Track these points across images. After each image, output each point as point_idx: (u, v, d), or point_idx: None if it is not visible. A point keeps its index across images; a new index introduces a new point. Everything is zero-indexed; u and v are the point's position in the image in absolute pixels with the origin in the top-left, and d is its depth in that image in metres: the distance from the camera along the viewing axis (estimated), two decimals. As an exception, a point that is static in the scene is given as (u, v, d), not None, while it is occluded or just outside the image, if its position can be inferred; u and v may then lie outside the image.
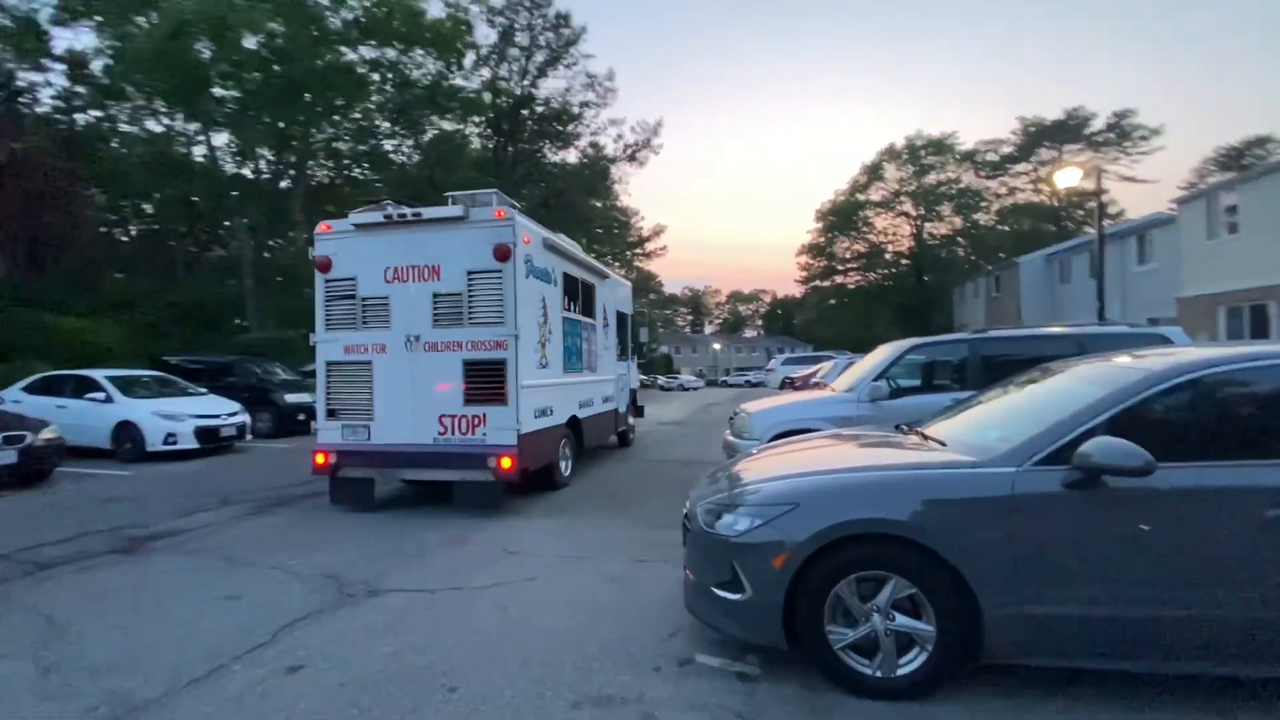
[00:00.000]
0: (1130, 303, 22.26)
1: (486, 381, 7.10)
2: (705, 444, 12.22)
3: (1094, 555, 2.84)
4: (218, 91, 21.91)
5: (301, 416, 14.05)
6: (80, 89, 23.22)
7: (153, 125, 23.40)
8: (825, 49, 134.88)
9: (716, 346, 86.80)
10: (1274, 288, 15.42)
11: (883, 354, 7.43)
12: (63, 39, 43.10)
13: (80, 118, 24.03)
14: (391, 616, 4.14)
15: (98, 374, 11.75)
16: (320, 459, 7.41)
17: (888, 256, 54.04)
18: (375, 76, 24.72)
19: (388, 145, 28.26)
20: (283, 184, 26.37)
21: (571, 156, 35.42)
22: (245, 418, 12.04)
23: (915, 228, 52.92)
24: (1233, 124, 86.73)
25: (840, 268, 55.80)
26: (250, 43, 21.52)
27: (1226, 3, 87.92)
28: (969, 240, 50.31)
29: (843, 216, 53.79)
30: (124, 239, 28.25)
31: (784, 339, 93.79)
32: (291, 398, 14.24)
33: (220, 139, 24.31)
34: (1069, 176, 14.95)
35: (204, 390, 12.69)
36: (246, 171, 25.81)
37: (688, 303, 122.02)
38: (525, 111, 32.99)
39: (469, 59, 28.61)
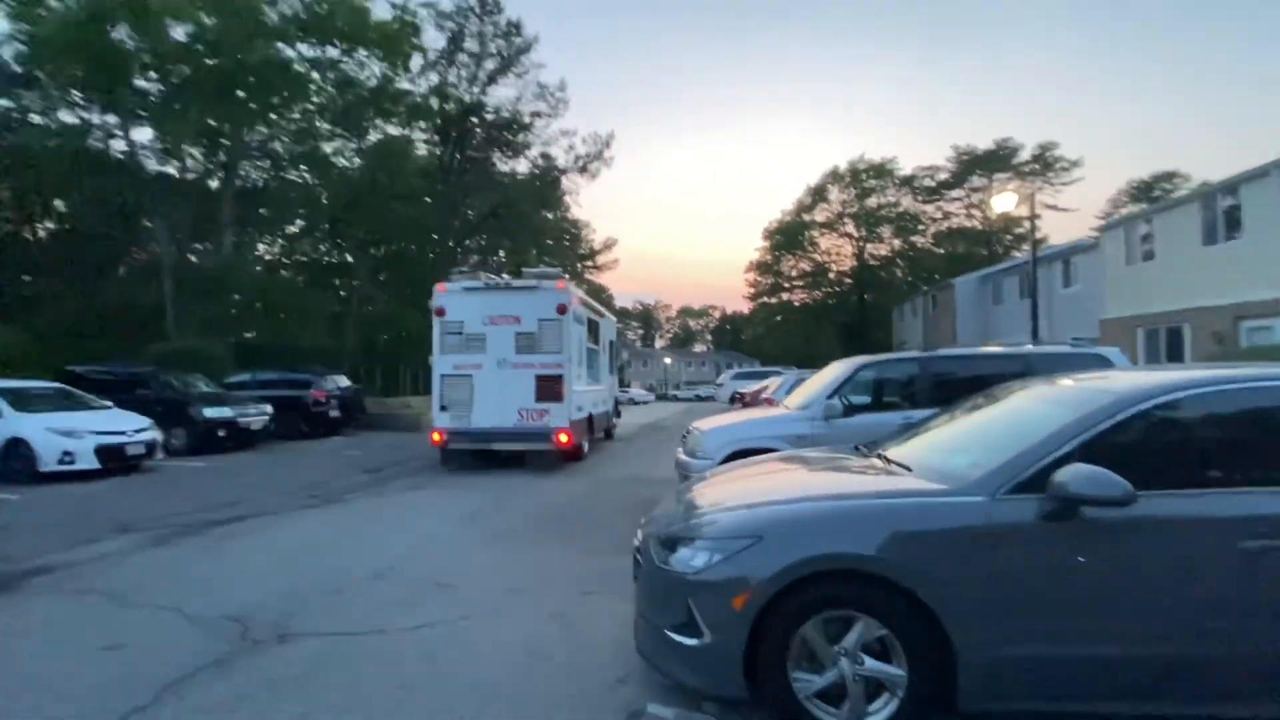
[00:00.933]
0: (1057, 323, 23.27)
1: (550, 387, 11.43)
2: (657, 461, 12.21)
3: (1073, 590, 2.63)
4: (140, 83, 20.45)
5: (222, 433, 13.32)
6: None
7: (67, 117, 21.63)
8: (774, 70, 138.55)
9: (667, 361, 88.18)
10: (1187, 310, 16.25)
11: (835, 371, 7.46)
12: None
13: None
14: (303, 668, 3.70)
15: (-15, 385, 10.48)
16: (436, 437, 11.52)
17: (831, 276, 55.52)
18: (316, 76, 23.60)
19: (328, 148, 26.96)
20: (212, 184, 24.80)
21: (522, 166, 34.71)
22: (156, 434, 11.34)
23: (857, 248, 54.57)
24: (1145, 158, 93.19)
25: (787, 285, 57.01)
26: (178, 33, 20.19)
27: (1141, 45, 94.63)
28: (907, 261, 52.24)
29: (789, 236, 55.04)
30: (32, 239, 26.01)
31: (733, 354, 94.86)
32: (211, 412, 13.44)
33: (143, 134, 22.66)
34: (1005, 201, 15.54)
35: (109, 404, 11.89)
36: (171, 169, 24.14)
37: (639, 317, 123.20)
38: (474, 119, 32.25)
39: (416, 62, 27.67)
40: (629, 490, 9.14)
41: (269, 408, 14.74)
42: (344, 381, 19.13)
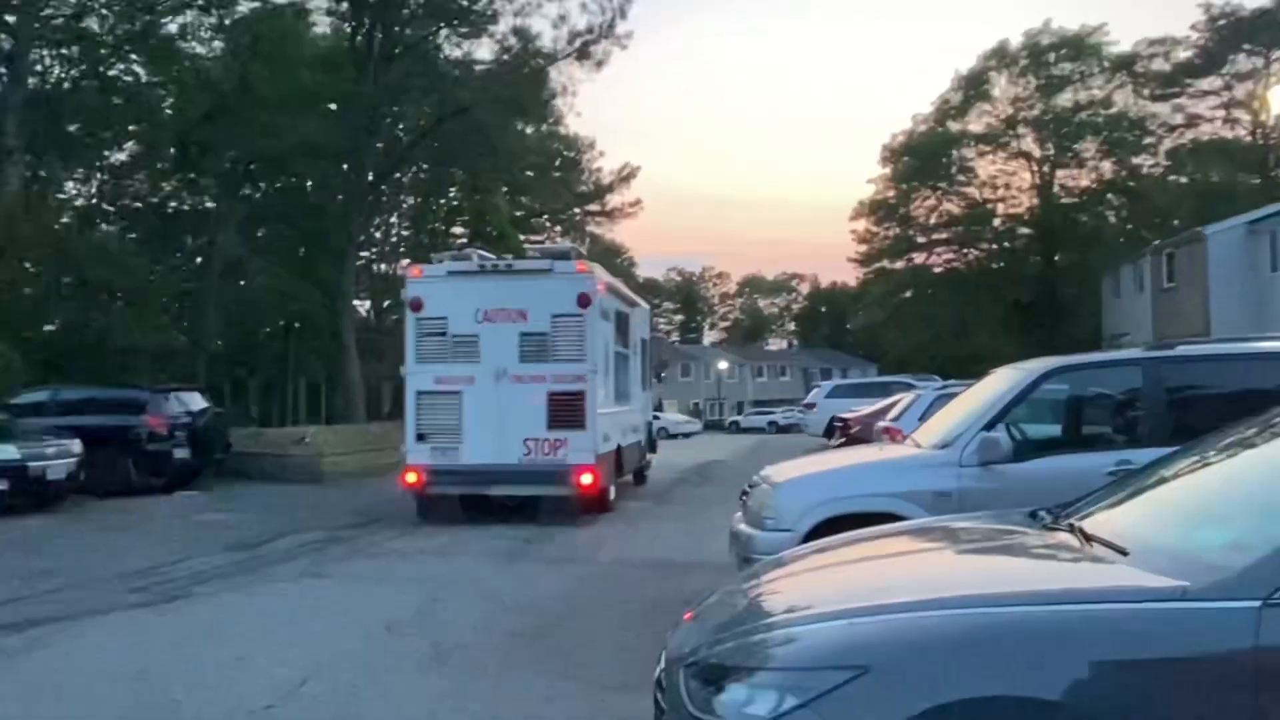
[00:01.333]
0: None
1: (568, 410, 12.85)
2: (700, 532, 12.15)
3: None
4: None
5: (2, 485, 13.93)
6: None
7: None
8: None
9: (723, 366, 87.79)
10: None
11: (1001, 384, 7.47)
12: None
13: None
14: None
15: None
16: (412, 477, 12.99)
17: (997, 223, 53.80)
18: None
19: (172, 26, 27.07)
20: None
21: (483, 51, 32.83)
22: None
23: (1040, 176, 52.84)
24: None
25: (921, 240, 55.43)
26: None
27: None
28: (1125, 198, 50.50)
29: (925, 158, 53.10)
30: None
31: (830, 355, 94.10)
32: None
33: None
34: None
35: None
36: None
37: (676, 294, 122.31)
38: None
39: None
40: (653, 581, 9.24)
41: (78, 444, 14.78)
42: (198, 402, 18.87)
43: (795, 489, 7.10)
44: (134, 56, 26.08)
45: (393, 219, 41.99)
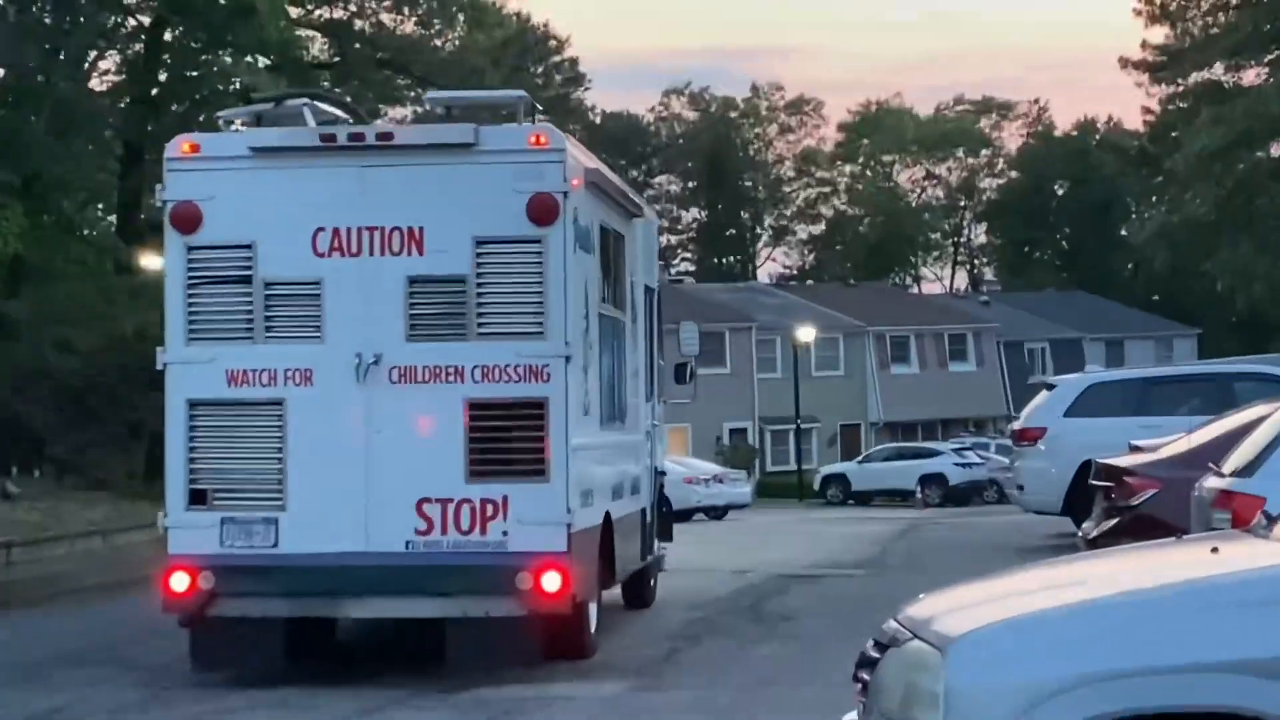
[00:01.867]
0: None
1: (512, 438, 8.16)
2: None
3: None
4: None
5: None
6: None
7: None
8: None
9: (805, 335, 54.26)
10: None
11: None
12: None
13: None
14: None
15: None
16: (180, 582, 7.96)
17: None
18: None
19: None
20: None
21: None
22: None
23: None
24: None
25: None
26: None
27: None
28: None
29: None
30: None
31: (1081, 303, 60.22)
32: None
33: None
34: None
35: None
36: None
37: (686, 153, 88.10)
38: None
39: None
40: None
41: None
42: None
43: (995, 652, 3.39)
44: None
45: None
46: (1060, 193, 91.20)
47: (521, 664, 8.03)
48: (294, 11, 29.95)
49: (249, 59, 27.46)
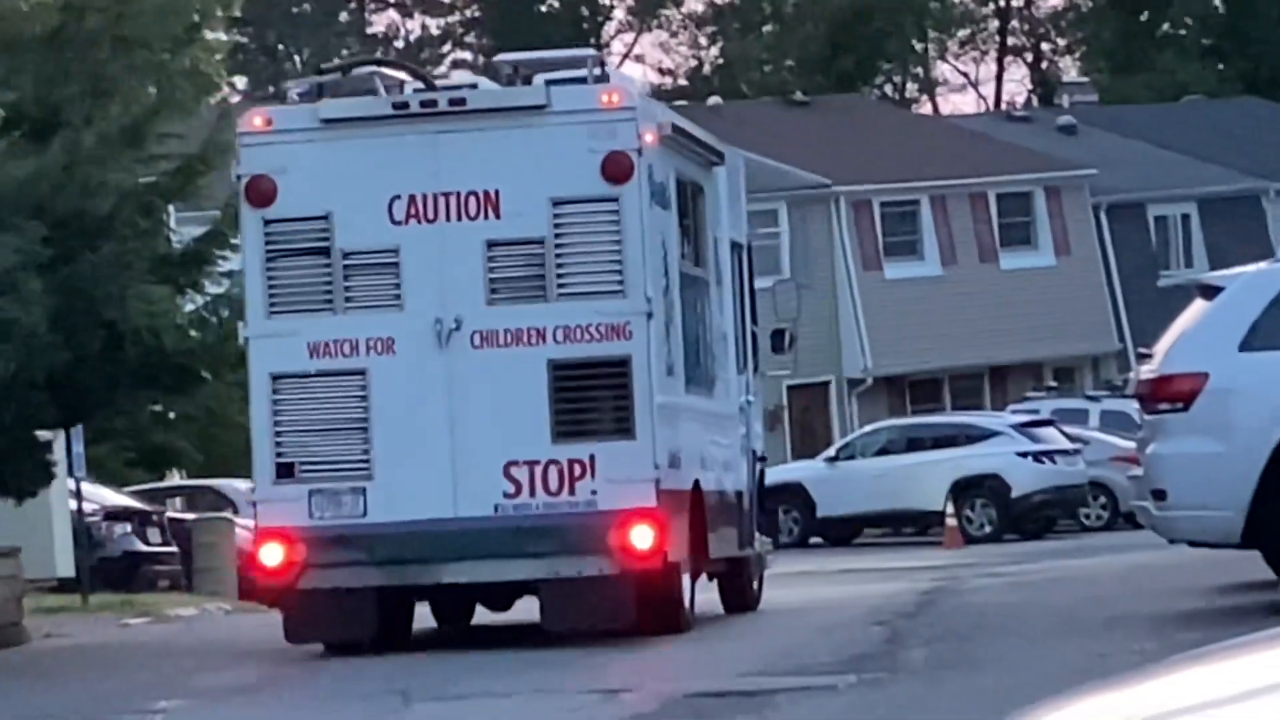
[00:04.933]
0: None
1: (596, 397, 7.93)
2: None
3: None
4: None
5: None
6: None
7: None
8: None
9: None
10: None
11: None
12: None
13: None
14: None
15: None
16: (273, 555, 7.74)
17: None
18: None
19: None
20: None
21: None
22: None
23: None
24: None
25: None
26: None
27: None
28: None
29: None
30: None
31: None
32: None
33: None
34: None
35: None
36: None
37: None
38: None
39: None
40: None
41: None
42: None
43: None
44: None
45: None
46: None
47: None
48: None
49: None
